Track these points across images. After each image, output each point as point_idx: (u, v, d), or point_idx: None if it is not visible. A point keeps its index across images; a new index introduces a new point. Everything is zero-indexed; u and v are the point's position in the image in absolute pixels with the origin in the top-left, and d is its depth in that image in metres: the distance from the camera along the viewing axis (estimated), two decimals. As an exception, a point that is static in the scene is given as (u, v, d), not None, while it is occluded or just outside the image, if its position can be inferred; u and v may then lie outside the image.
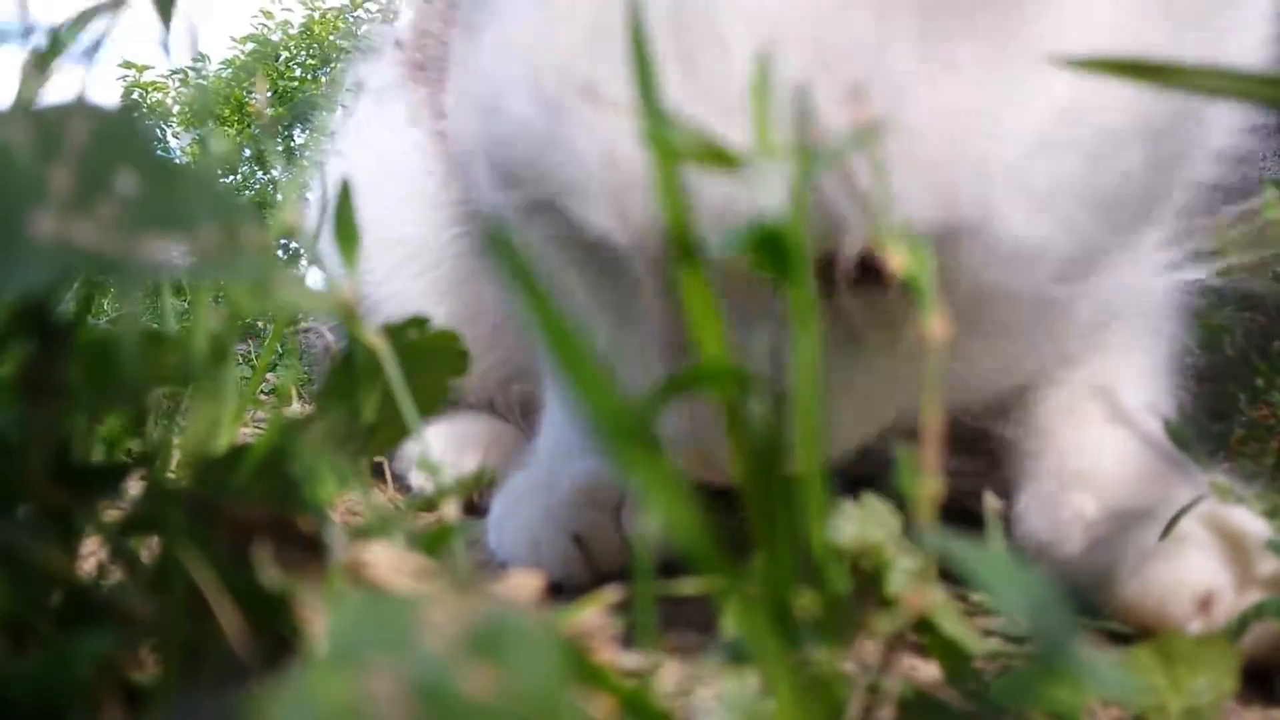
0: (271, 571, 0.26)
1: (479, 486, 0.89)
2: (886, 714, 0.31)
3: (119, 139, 0.24)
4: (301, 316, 1.25)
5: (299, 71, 8.09)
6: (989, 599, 0.23)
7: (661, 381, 0.22)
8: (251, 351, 1.98)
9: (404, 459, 0.97)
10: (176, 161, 0.26)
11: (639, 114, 0.23)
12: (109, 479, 0.30)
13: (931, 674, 0.46)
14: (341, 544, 0.30)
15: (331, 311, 0.30)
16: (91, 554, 0.33)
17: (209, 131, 0.45)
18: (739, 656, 0.26)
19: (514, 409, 1.05)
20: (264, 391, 1.42)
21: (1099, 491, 0.62)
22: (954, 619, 0.31)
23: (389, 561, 0.29)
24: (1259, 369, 0.82)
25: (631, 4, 0.25)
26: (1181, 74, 0.32)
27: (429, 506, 0.37)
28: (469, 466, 0.93)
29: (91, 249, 0.22)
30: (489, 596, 0.19)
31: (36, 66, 0.31)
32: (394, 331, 0.36)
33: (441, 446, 0.96)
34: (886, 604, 0.28)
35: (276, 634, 0.26)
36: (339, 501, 0.85)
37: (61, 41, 0.33)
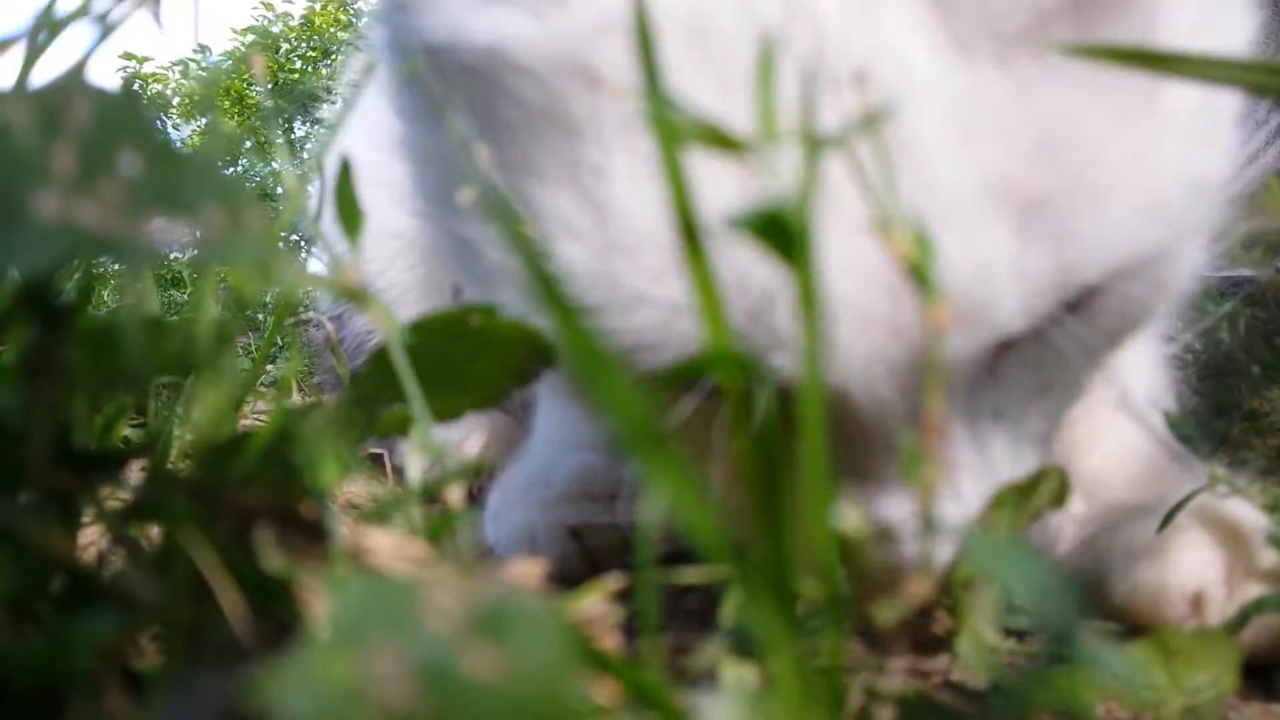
0: (274, 557, 0.26)
1: (479, 477, 0.89)
2: (887, 704, 0.31)
3: (121, 120, 0.24)
4: (302, 308, 1.25)
5: (299, 63, 8.07)
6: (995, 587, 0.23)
7: (668, 367, 0.22)
8: (251, 344, 1.97)
9: (403, 453, 0.97)
10: (179, 146, 0.26)
11: (641, 97, 0.23)
12: (110, 464, 0.30)
13: (932, 668, 0.46)
14: (343, 530, 0.30)
15: (336, 293, 0.30)
16: (91, 543, 0.33)
17: (213, 116, 0.44)
18: (741, 645, 0.26)
19: (514, 402, 1.04)
20: (264, 384, 1.42)
21: (1094, 490, 0.62)
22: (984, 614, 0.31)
23: (391, 548, 0.29)
24: (1262, 362, 0.82)
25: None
26: (1183, 63, 0.32)
27: (428, 495, 0.37)
28: (469, 456, 0.93)
29: (94, 229, 0.22)
30: (493, 579, 0.19)
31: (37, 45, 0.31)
32: (452, 317, 0.35)
33: (441, 437, 0.96)
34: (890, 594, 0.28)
35: (279, 619, 0.26)
36: (339, 492, 0.85)
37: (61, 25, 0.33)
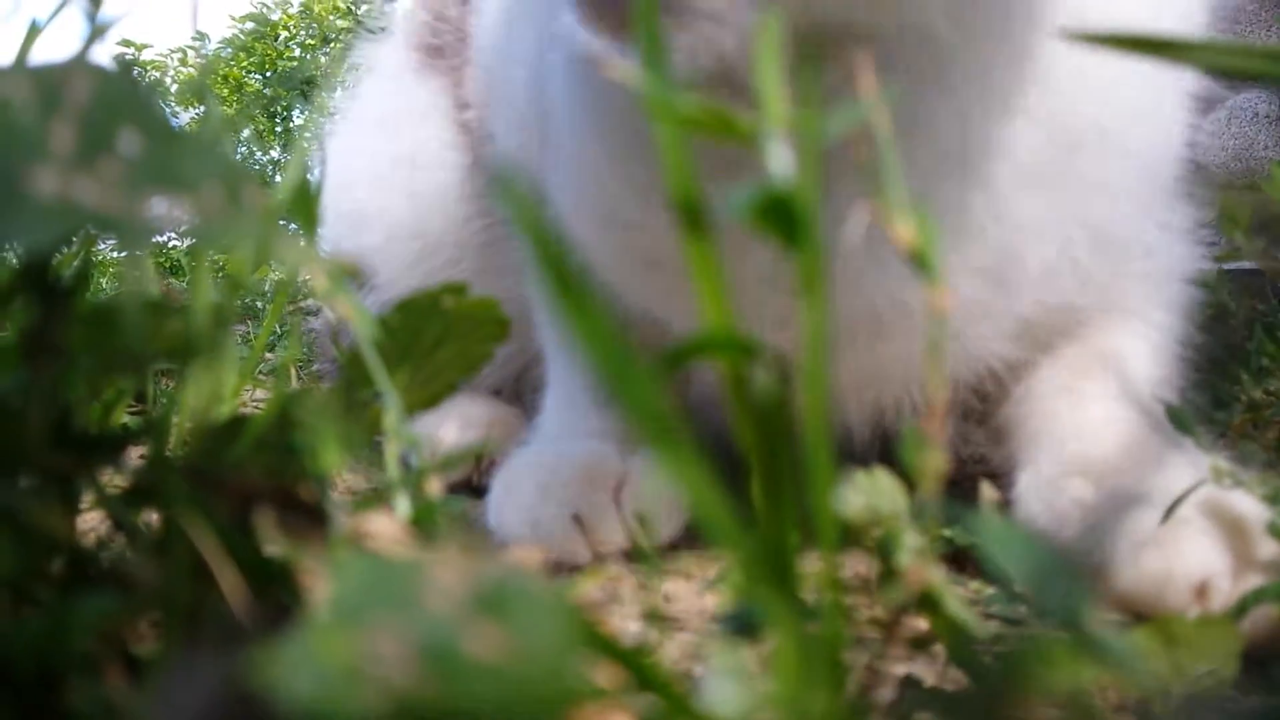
0: (274, 540, 0.26)
1: (477, 465, 0.89)
2: (887, 686, 0.31)
3: (121, 99, 0.24)
4: (301, 295, 1.25)
5: (298, 51, 8.05)
6: (996, 572, 0.23)
7: (669, 348, 0.22)
8: (250, 332, 1.97)
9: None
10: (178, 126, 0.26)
11: (645, 80, 0.23)
12: (110, 447, 0.30)
13: (935, 651, 0.46)
14: (343, 515, 0.30)
15: (331, 275, 0.30)
16: (91, 529, 0.33)
17: (211, 99, 0.44)
18: (744, 627, 0.26)
19: (523, 395, 1.04)
20: (262, 372, 1.42)
21: (1098, 476, 0.62)
22: (957, 600, 0.31)
23: (390, 532, 0.29)
24: (1263, 351, 0.82)
25: None
26: (1188, 49, 0.32)
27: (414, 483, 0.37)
28: (446, 441, 0.93)
29: (94, 207, 0.22)
30: (494, 561, 0.19)
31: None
32: (430, 298, 0.35)
33: (443, 426, 0.96)
34: (891, 577, 0.28)
35: (279, 602, 0.26)
36: (337, 479, 0.85)
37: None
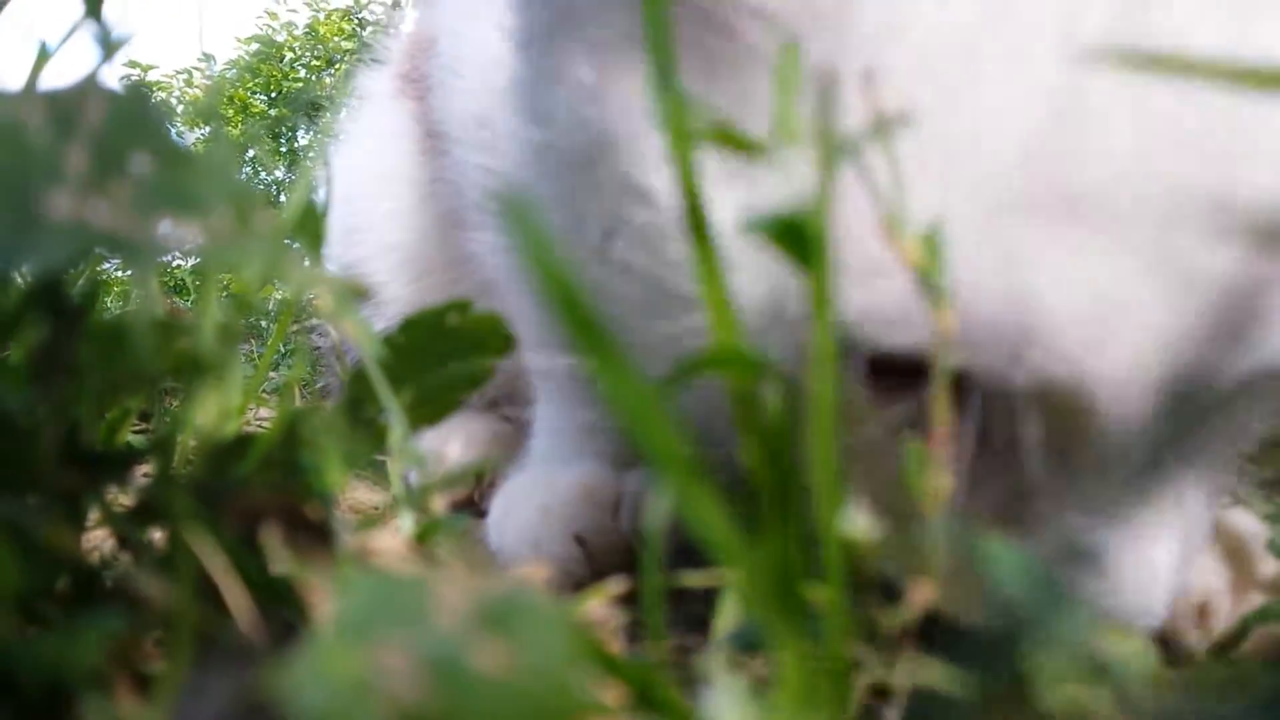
0: (280, 556, 0.26)
1: (478, 483, 0.89)
2: (893, 707, 0.31)
3: (133, 122, 0.24)
4: (306, 314, 1.25)
5: (303, 72, 8.10)
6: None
7: (675, 366, 0.22)
8: (254, 351, 1.97)
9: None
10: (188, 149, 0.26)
11: (655, 96, 0.23)
12: (118, 465, 0.30)
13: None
14: (348, 532, 0.30)
15: (337, 295, 0.30)
16: (94, 548, 0.33)
17: (218, 122, 0.45)
18: (747, 647, 0.26)
19: (519, 412, 1.04)
20: (267, 390, 1.42)
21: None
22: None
23: (395, 549, 0.29)
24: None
25: None
26: (1189, 66, 0.32)
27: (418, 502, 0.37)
28: (451, 460, 0.93)
29: (107, 229, 0.22)
30: (499, 577, 0.19)
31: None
32: (434, 315, 0.36)
33: (448, 443, 0.96)
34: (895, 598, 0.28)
35: (285, 620, 0.26)
36: (341, 498, 0.85)
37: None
